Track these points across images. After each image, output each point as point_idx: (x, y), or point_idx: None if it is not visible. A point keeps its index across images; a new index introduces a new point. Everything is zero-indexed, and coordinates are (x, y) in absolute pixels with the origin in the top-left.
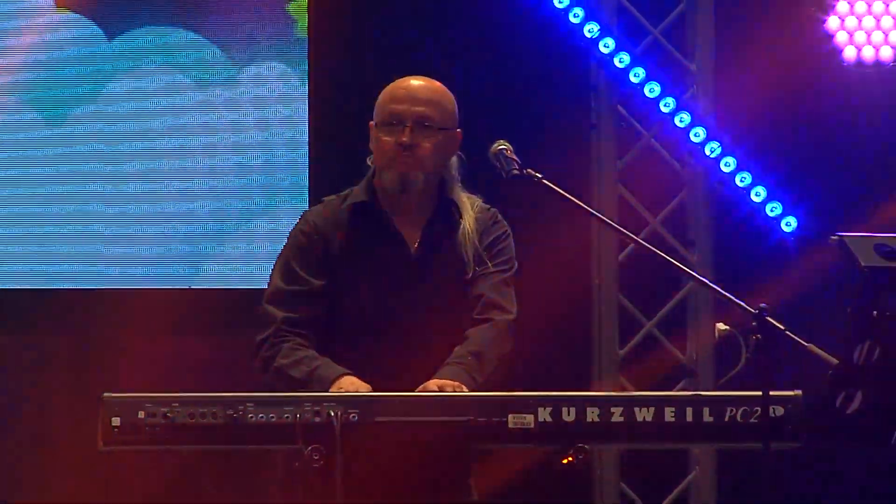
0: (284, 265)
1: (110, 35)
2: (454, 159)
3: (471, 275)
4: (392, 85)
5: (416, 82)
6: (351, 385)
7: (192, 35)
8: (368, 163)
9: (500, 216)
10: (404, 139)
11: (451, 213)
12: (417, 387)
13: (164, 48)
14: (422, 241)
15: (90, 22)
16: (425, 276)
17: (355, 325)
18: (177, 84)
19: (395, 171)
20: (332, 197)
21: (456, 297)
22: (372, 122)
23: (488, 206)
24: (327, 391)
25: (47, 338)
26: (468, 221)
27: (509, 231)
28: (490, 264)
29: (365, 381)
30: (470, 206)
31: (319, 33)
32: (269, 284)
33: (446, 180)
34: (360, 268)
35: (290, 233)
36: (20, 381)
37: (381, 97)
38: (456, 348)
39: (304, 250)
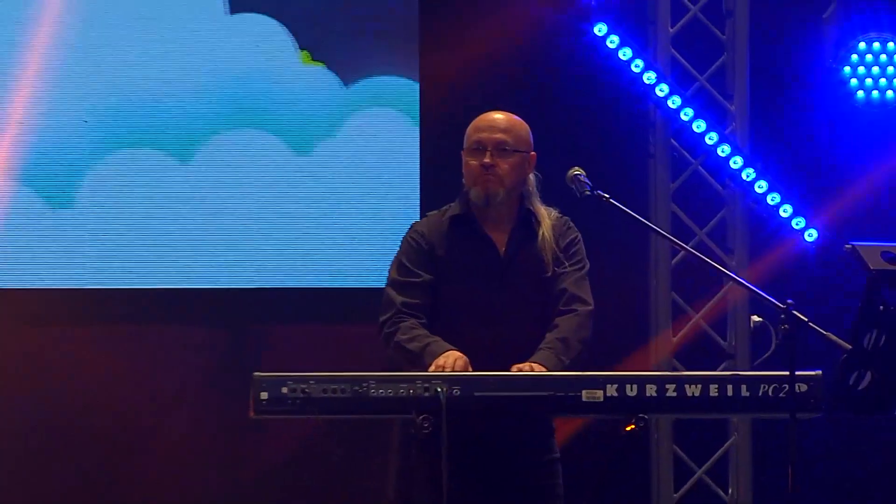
0: (398, 262)
1: None
2: (532, 177)
3: (550, 273)
4: (477, 118)
5: (495, 115)
6: (453, 357)
7: None
8: (464, 179)
9: (571, 223)
10: (486, 161)
11: (531, 221)
12: (505, 361)
13: None
14: (508, 244)
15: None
16: (511, 273)
17: (455, 313)
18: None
19: (480, 187)
20: (434, 212)
21: (536, 290)
22: (463, 150)
23: (562, 215)
24: (436, 362)
25: (213, 331)
26: (546, 228)
27: (580, 236)
28: (567, 264)
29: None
30: (547, 216)
31: (427, 81)
32: (387, 278)
33: (526, 194)
34: (458, 267)
35: (402, 239)
36: (178, 367)
37: (468, 129)
38: (547, 335)
39: (413, 251)
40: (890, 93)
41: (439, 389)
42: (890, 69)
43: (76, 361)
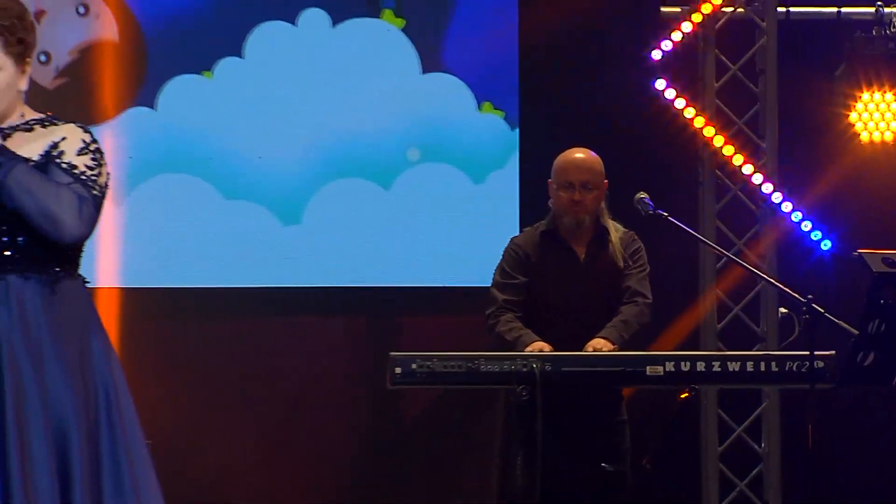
0: (501, 268)
1: None
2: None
3: (619, 275)
4: (564, 158)
5: (578, 155)
6: (538, 346)
7: None
8: (550, 205)
9: (636, 236)
10: (576, 198)
11: (604, 234)
12: (583, 343)
13: None
14: (586, 253)
15: None
16: (588, 276)
17: (545, 307)
18: None
19: (570, 217)
20: (529, 228)
21: (608, 289)
22: (550, 181)
23: (626, 229)
24: (525, 350)
25: (355, 322)
26: (615, 240)
27: (642, 245)
28: (632, 266)
29: (549, 344)
30: (615, 230)
31: (526, 119)
32: (492, 280)
33: (599, 213)
34: (547, 271)
35: (504, 250)
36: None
37: (557, 166)
38: (614, 318)
39: (512, 259)
40: (888, 134)
41: (535, 365)
42: (887, 116)
43: (244, 350)
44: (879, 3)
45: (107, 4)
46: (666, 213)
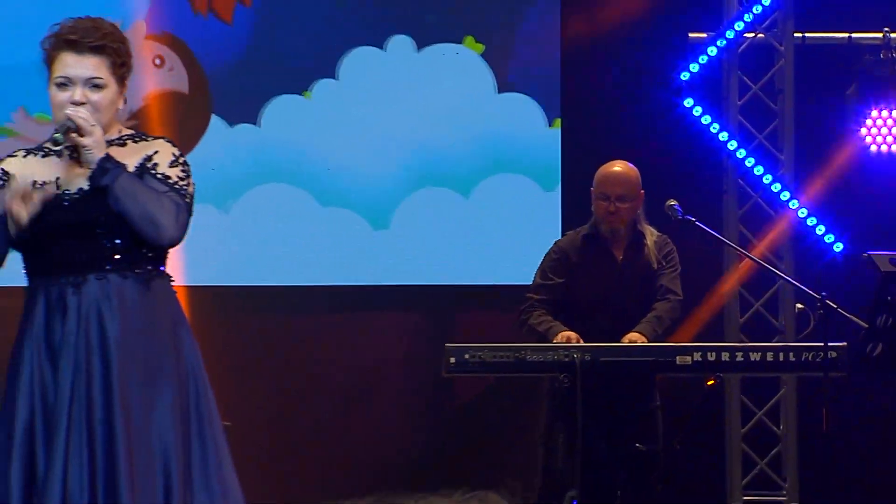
0: (541, 269)
1: None
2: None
3: (657, 273)
4: (604, 171)
5: (616, 169)
6: (566, 336)
7: None
8: (592, 210)
9: (668, 239)
10: (612, 210)
11: (640, 238)
12: (619, 336)
13: None
14: (624, 255)
15: None
16: (625, 276)
17: (585, 305)
18: None
19: (607, 225)
20: (571, 231)
21: (642, 288)
22: (593, 189)
23: (660, 233)
24: (554, 339)
25: (415, 317)
26: (650, 243)
27: (674, 247)
28: (665, 266)
29: (585, 338)
30: (650, 234)
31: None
32: (532, 281)
33: (636, 219)
34: (587, 271)
35: (546, 253)
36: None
37: (597, 177)
38: (648, 313)
39: (552, 262)
40: (895, 147)
41: (575, 356)
42: (894, 130)
43: (326, 341)
44: (886, 28)
45: (180, 59)
46: (693, 219)
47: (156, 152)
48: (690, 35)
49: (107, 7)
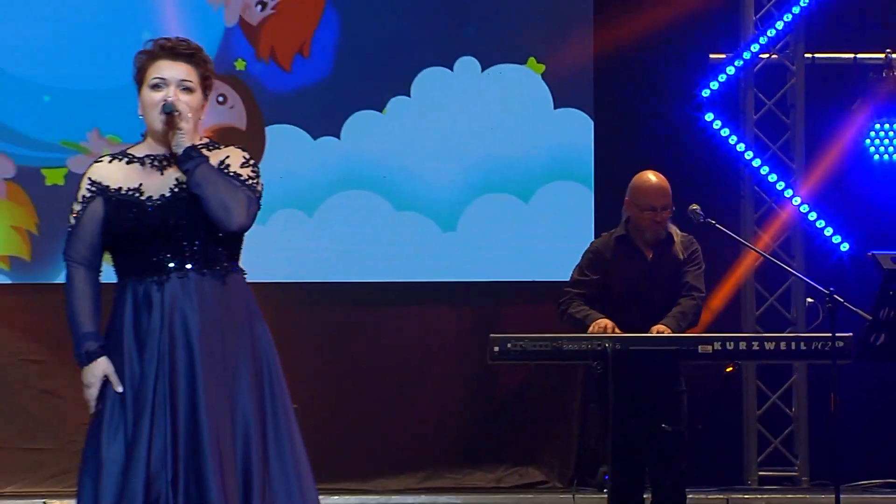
0: (579, 267)
1: None
2: None
3: (683, 270)
4: (643, 183)
5: (655, 181)
6: (604, 323)
7: None
8: (623, 213)
9: (693, 239)
10: (657, 219)
11: (669, 238)
12: (648, 327)
13: None
14: (653, 254)
15: None
16: (655, 273)
17: (617, 299)
18: None
19: (651, 232)
20: (606, 234)
21: (671, 285)
22: (629, 199)
23: (685, 233)
24: (591, 325)
25: (461, 310)
26: (677, 242)
27: (699, 247)
28: (690, 264)
29: (618, 325)
30: (677, 234)
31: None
32: (570, 277)
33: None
34: (621, 269)
35: (583, 252)
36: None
37: (637, 189)
38: (673, 308)
39: (589, 261)
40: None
41: (607, 345)
42: (894, 141)
43: (389, 332)
44: (888, 50)
45: (241, 98)
46: (714, 221)
47: (227, 156)
48: (711, 56)
49: None
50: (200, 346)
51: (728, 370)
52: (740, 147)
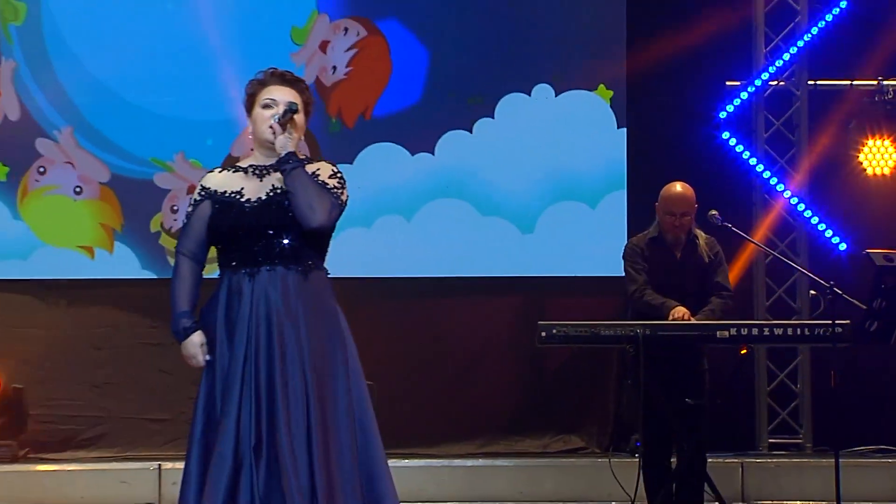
0: (632, 260)
1: None
2: None
3: (709, 269)
4: (669, 192)
5: (679, 190)
6: (682, 310)
7: None
8: (658, 219)
9: (715, 241)
10: (677, 224)
11: (694, 240)
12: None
13: None
14: (681, 253)
15: None
16: (683, 270)
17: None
18: None
19: (672, 234)
20: (640, 234)
21: (697, 279)
22: (658, 204)
23: (708, 234)
24: (669, 312)
25: (514, 300)
26: (702, 243)
27: (720, 248)
28: (715, 265)
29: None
30: (701, 236)
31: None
32: (626, 273)
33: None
34: (654, 266)
35: (625, 249)
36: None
37: (663, 197)
38: (706, 307)
39: (635, 254)
40: (886, 170)
41: (638, 331)
42: (885, 156)
43: (458, 320)
44: (880, 77)
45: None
46: (730, 225)
47: (319, 168)
48: (727, 83)
49: (285, 10)
50: (280, 331)
51: (742, 352)
52: (752, 161)
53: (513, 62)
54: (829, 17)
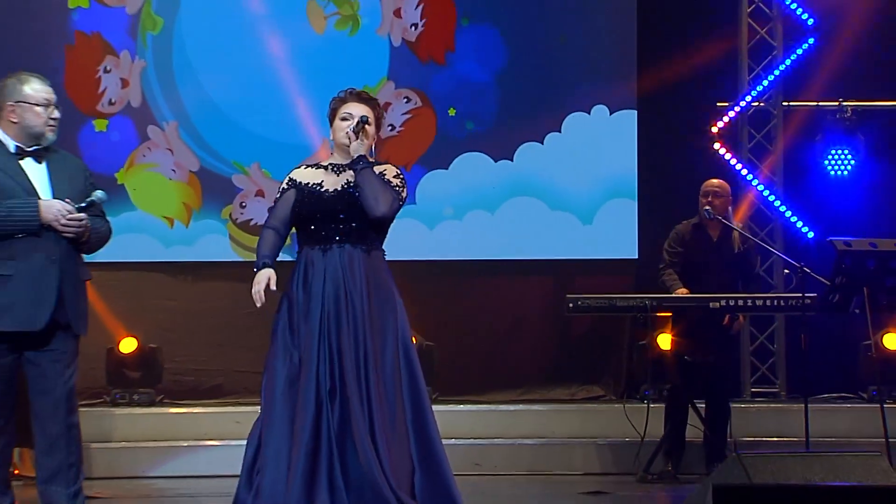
0: (669, 243)
1: None
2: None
3: (736, 251)
4: (706, 182)
5: (713, 181)
6: (683, 292)
7: None
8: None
9: (750, 237)
10: (705, 204)
11: (728, 229)
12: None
13: None
14: (717, 238)
15: None
16: (718, 251)
17: (691, 268)
18: None
19: (703, 212)
20: (686, 221)
21: (726, 262)
22: (700, 194)
23: (744, 234)
24: (674, 291)
25: (545, 280)
26: (736, 236)
27: (752, 244)
28: (751, 257)
29: (693, 290)
30: (736, 228)
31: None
32: (664, 251)
33: (727, 216)
34: (694, 247)
35: (670, 233)
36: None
37: (703, 185)
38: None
39: (675, 239)
40: (845, 172)
41: (646, 302)
42: (844, 162)
43: (502, 295)
44: (840, 99)
45: (420, 99)
46: (720, 217)
47: (385, 169)
48: (718, 104)
49: (363, 69)
50: (347, 296)
51: (727, 320)
52: (738, 166)
53: (577, 86)
54: (799, 51)
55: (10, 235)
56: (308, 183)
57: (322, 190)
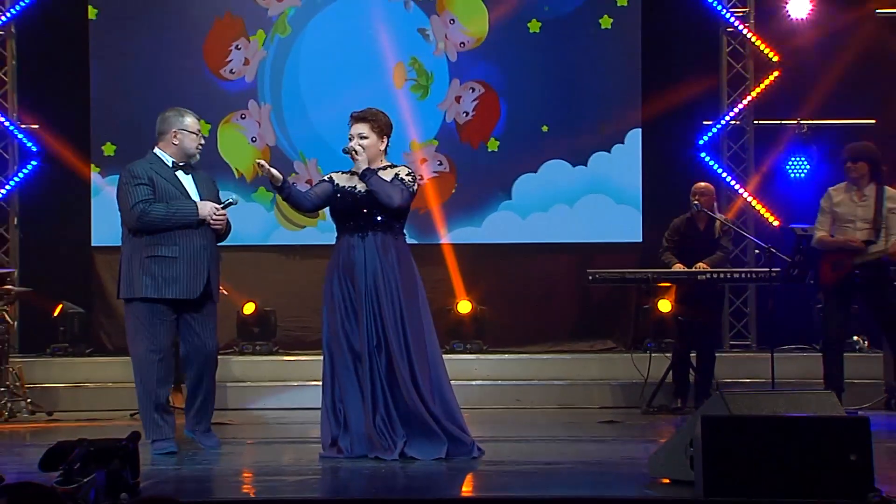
0: (669, 231)
1: None
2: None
3: (716, 237)
4: (695, 184)
5: (700, 184)
6: (678, 267)
7: None
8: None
9: (730, 229)
10: (693, 200)
11: (712, 221)
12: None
13: None
14: (703, 228)
15: None
16: (703, 238)
17: (685, 250)
18: None
19: (693, 207)
20: (682, 215)
21: (708, 244)
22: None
23: (725, 226)
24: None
25: (572, 257)
26: (718, 225)
27: (732, 228)
28: (724, 235)
29: (685, 265)
30: (718, 220)
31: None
32: (664, 237)
33: (712, 210)
34: (686, 235)
35: (670, 225)
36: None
37: (693, 187)
38: (710, 257)
39: (672, 230)
40: (802, 174)
41: (649, 275)
42: (801, 167)
43: (534, 270)
44: (799, 118)
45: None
46: (706, 210)
47: (398, 171)
48: (704, 122)
49: (418, 126)
50: (383, 273)
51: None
52: (719, 171)
53: (616, 114)
54: (766, 82)
55: (175, 227)
56: (344, 186)
57: (355, 191)
